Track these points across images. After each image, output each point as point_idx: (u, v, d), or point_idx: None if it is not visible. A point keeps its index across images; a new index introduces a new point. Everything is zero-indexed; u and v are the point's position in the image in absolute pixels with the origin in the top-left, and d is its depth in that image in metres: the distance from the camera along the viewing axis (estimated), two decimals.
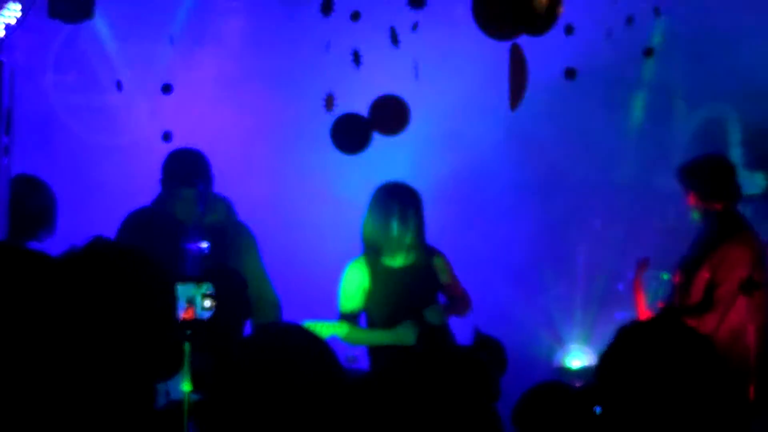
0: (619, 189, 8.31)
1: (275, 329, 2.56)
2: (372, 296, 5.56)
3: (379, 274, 5.54)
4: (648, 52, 5.56)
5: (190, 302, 4.51)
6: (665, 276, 5.91)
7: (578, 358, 7.90)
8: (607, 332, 6.16)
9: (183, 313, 4.39)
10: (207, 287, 4.55)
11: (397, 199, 5.51)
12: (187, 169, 5.50)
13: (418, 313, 5.47)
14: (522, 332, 8.26)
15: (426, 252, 5.61)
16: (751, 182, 8.58)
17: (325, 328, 5.44)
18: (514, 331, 8.24)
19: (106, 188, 7.69)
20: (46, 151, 7.42)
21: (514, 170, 8.40)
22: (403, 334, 5.42)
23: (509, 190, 8.45)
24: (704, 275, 5.42)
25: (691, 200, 5.73)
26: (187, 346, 4.68)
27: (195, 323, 4.44)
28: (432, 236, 6.59)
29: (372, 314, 5.60)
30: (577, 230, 8.29)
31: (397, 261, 5.56)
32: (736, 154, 8.67)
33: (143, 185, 7.68)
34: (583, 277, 8.18)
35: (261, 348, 2.36)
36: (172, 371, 2.02)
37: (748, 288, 5.01)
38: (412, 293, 5.52)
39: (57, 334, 1.88)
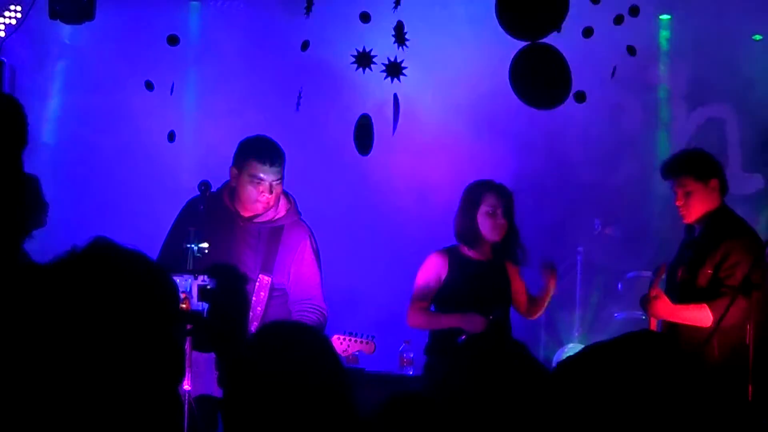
0: (619, 189, 8.31)
1: (281, 328, 2.59)
2: (448, 285, 5.68)
3: (461, 265, 5.69)
4: (631, 51, 5.51)
5: (186, 294, 4.52)
6: None
7: None
8: (606, 332, 6.18)
9: (181, 303, 4.41)
10: (203, 279, 4.56)
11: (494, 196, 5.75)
12: (272, 149, 5.35)
13: (489, 307, 5.64)
14: (522, 332, 8.27)
15: (507, 252, 5.82)
16: (750, 182, 8.59)
17: (355, 343, 5.53)
18: (514, 331, 8.25)
19: (106, 188, 7.70)
20: (46, 151, 7.43)
21: (513, 170, 8.39)
22: (471, 321, 5.54)
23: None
24: (707, 272, 5.40)
25: (711, 188, 5.52)
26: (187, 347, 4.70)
27: (192, 315, 4.44)
28: (432, 236, 6.60)
29: (444, 304, 5.73)
30: (577, 230, 8.29)
31: (480, 254, 5.74)
32: (735, 154, 8.67)
33: (143, 185, 7.71)
34: (583, 277, 8.18)
35: (268, 346, 2.40)
36: (176, 374, 2.01)
37: (746, 288, 5.00)
38: (488, 287, 5.69)
39: (57, 336, 1.88)
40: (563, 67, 5.07)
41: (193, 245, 5.15)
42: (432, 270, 5.75)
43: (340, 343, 5.51)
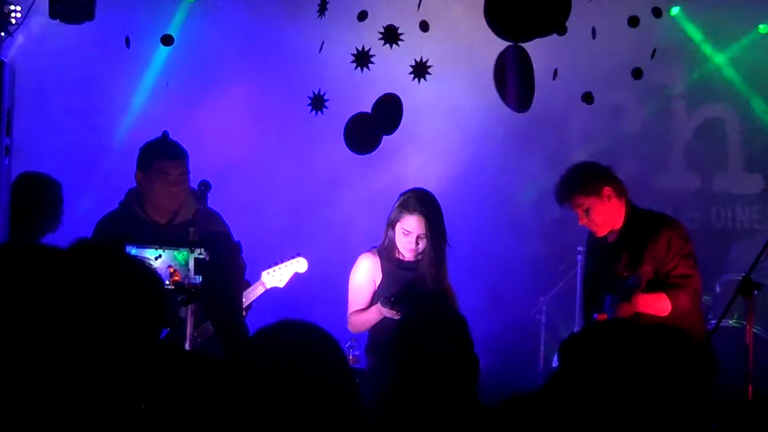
0: None
1: (284, 327, 2.59)
2: (384, 288, 5.58)
3: (393, 267, 5.58)
4: (652, 54, 5.50)
5: (175, 268, 4.50)
6: None
7: None
8: None
9: (172, 277, 4.40)
10: (200, 252, 4.55)
11: (413, 205, 5.54)
12: (173, 146, 5.45)
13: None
14: (522, 332, 8.27)
15: (432, 263, 5.60)
16: (750, 182, 8.59)
17: (286, 269, 5.47)
18: (515, 330, 8.26)
19: (106, 188, 7.69)
20: (46, 151, 7.43)
21: (513, 170, 8.40)
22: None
23: (509, 190, 8.45)
24: (646, 268, 5.34)
25: (605, 196, 5.45)
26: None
27: (186, 288, 4.43)
28: None
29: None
30: (577, 230, 8.29)
31: (408, 255, 5.60)
32: (735, 154, 8.67)
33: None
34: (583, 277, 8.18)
35: (271, 345, 2.40)
36: (162, 370, 2.02)
37: (746, 288, 5.01)
38: (421, 288, 5.55)
39: (35, 334, 1.89)
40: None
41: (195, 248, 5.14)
42: (364, 272, 5.62)
43: (272, 277, 5.47)
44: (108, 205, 5.58)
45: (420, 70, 5.34)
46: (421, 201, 5.56)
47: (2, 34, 5.35)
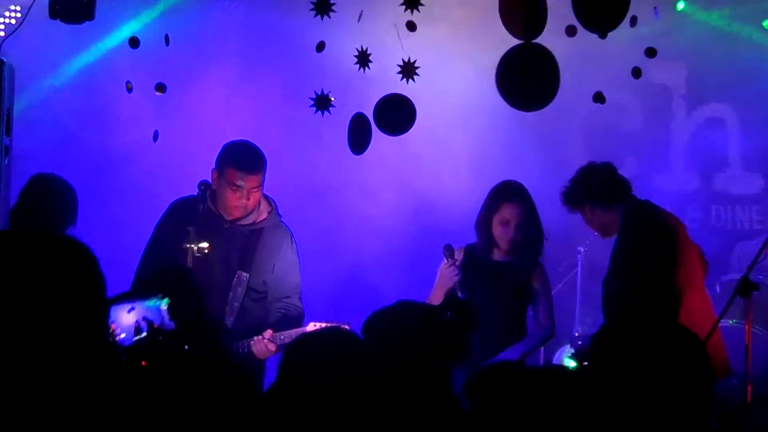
0: None
1: (318, 336, 2.63)
2: (461, 283, 5.61)
3: (472, 263, 5.64)
4: (650, 53, 5.50)
5: (157, 314, 4.41)
6: None
7: None
8: None
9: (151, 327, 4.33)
10: (165, 301, 4.48)
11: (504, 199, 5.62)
12: (250, 156, 5.46)
13: (497, 309, 5.50)
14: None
15: (528, 256, 5.64)
16: (750, 182, 8.58)
17: None
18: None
19: (106, 188, 7.70)
20: (46, 151, 7.43)
21: (513, 170, 8.38)
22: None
23: None
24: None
25: (615, 207, 5.57)
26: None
27: (163, 332, 4.40)
28: (432, 236, 6.59)
29: None
30: (577, 230, 8.29)
31: (498, 254, 5.66)
32: (735, 154, 8.67)
33: (143, 184, 7.71)
34: (583, 278, 8.18)
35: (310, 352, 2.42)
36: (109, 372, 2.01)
37: (744, 288, 5.01)
38: (497, 287, 5.58)
39: None
40: (553, 66, 5.05)
41: (192, 245, 5.17)
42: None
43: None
44: (109, 206, 5.59)
45: (407, 70, 5.35)
46: (510, 191, 5.69)
47: (2, 34, 5.36)
